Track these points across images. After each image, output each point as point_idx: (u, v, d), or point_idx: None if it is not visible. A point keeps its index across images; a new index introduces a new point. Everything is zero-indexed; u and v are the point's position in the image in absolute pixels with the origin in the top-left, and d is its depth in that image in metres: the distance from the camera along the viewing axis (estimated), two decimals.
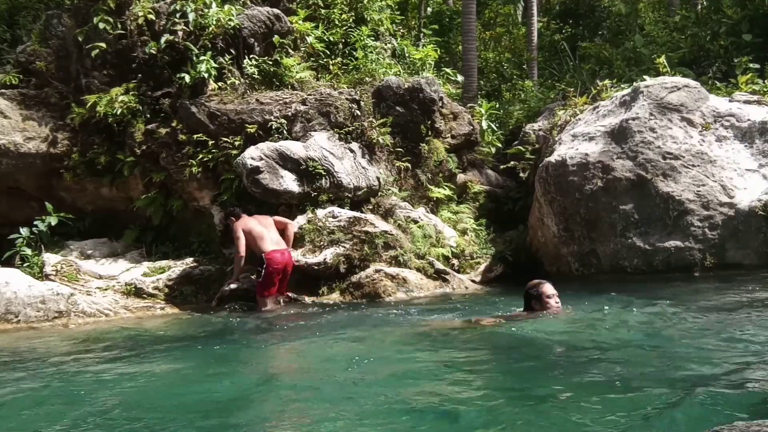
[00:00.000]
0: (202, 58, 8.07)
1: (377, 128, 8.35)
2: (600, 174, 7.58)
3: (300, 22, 9.05)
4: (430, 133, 8.86)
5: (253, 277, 7.14)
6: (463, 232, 8.52)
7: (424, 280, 7.31)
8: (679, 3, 16.02)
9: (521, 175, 9.36)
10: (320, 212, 7.49)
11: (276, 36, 8.67)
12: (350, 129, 8.24)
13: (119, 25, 8.43)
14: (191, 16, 8.23)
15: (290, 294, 7.15)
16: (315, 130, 8.01)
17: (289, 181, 7.53)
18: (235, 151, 7.77)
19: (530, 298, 5.24)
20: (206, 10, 8.32)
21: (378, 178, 7.99)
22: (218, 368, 4.46)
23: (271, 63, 8.49)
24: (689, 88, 8.08)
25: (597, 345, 4.56)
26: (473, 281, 7.86)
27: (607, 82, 9.72)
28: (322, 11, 9.81)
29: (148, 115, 8.27)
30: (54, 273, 7.33)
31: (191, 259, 7.92)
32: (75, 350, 5.34)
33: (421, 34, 14.75)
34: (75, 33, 8.47)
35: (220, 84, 8.28)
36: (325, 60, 9.27)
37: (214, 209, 8.05)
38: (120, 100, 8.10)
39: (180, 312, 7.15)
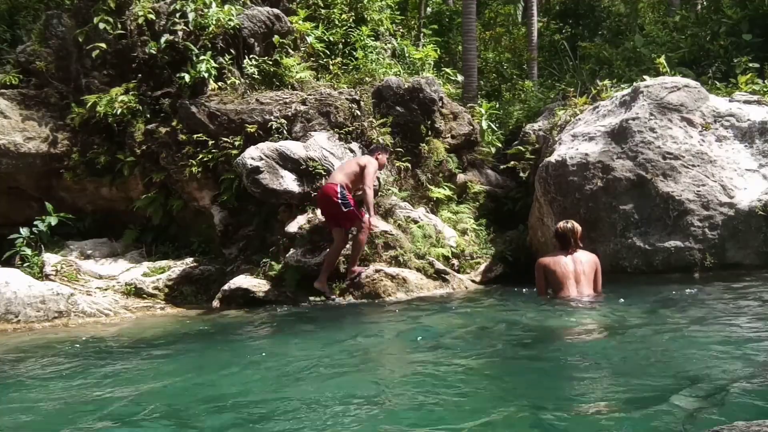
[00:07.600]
0: (202, 58, 8.08)
1: (377, 128, 8.35)
2: (600, 174, 7.58)
3: (300, 22, 9.06)
4: (430, 133, 8.86)
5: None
6: (463, 232, 8.51)
7: (424, 280, 7.31)
8: (679, 3, 16.02)
9: (521, 175, 9.34)
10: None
11: (276, 36, 8.68)
12: (350, 129, 8.24)
13: (119, 25, 8.44)
14: (191, 16, 8.24)
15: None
16: (315, 130, 8.01)
17: (289, 181, 7.53)
18: (235, 151, 7.77)
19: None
20: (206, 10, 8.33)
21: (378, 178, 7.99)
22: (219, 368, 4.46)
23: (271, 63, 8.49)
24: (689, 88, 8.08)
25: (596, 342, 4.57)
26: (473, 281, 7.86)
27: (607, 82, 9.71)
28: (322, 11, 9.82)
29: (148, 115, 8.28)
30: (54, 273, 7.34)
31: (191, 259, 7.93)
32: (76, 350, 5.34)
33: (421, 34, 14.74)
34: (75, 33, 8.49)
35: (220, 84, 8.29)
36: (325, 60, 9.27)
37: (214, 209, 8.05)
38: (120, 100, 8.10)
39: (180, 312, 7.15)
